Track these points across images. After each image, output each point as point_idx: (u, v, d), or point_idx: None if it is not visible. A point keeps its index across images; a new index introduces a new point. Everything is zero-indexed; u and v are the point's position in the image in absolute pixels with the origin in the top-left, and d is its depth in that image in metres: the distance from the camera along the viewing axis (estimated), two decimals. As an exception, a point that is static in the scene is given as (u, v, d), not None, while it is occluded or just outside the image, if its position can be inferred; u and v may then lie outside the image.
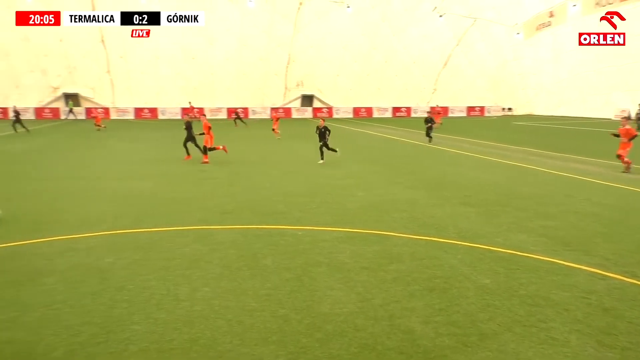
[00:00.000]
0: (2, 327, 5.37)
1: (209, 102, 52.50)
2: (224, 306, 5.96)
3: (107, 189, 13.68)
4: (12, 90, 49.14)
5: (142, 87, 50.98)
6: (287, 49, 54.01)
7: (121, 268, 7.28)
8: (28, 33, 45.88)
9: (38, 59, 48.17)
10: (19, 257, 7.74)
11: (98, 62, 49.31)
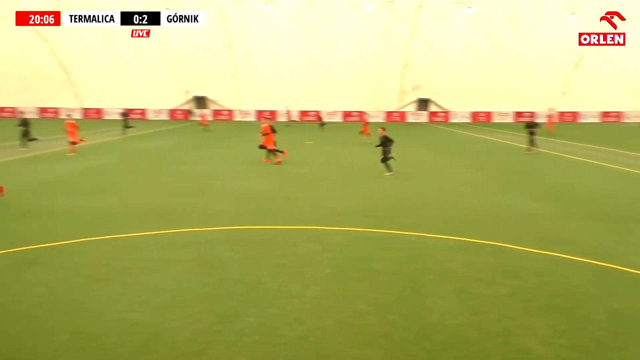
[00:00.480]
0: (134, 308, 5.95)
1: (325, 105, 53.73)
2: (333, 306, 6.07)
3: (226, 186, 14.55)
4: (152, 93, 54.20)
5: (264, 90, 53.54)
6: (403, 51, 53.52)
7: (239, 262, 7.71)
8: (166, 39, 50.28)
9: (174, 64, 52.59)
10: (152, 246, 8.52)
11: (225, 67, 52.61)
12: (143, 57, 51.99)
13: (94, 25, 48.73)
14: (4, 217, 10.39)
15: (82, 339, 5.16)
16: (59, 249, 8.27)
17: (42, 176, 15.79)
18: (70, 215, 10.65)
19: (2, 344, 5.03)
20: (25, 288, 6.53)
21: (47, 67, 52.87)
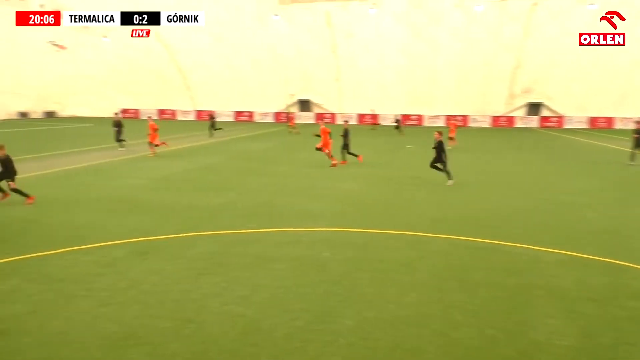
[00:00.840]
0: (237, 302, 6.23)
1: (427, 109, 52.66)
2: (430, 315, 5.92)
3: (324, 187, 14.74)
4: (260, 96, 56.54)
5: (366, 94, 53.65)
6: (514, 52, 50.84)
7: (337, 263, 7.78)
8: (275, 45, 52.25)
9: (281, 69, 54.45)
10: (257, 243, 8.87)
11: (329, 71, 53.47)
12: (253, 62, 54.37)
13: (207, 33, 52.42)
14: (123, 211, 11.36)
15: (187, 327, 5.49)
16: (170, 241, 8.89)
17: (155, 173, 17.06)
18: (180, 211, 11.40)
19: (118, 326, 5.50)
20: (140, 276, 7.09)
21: (167, 71, 57.17)
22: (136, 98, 59.89)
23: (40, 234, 9.23)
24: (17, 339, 5.13)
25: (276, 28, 50.86)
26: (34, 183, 14.49)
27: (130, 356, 4.84)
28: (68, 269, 7.29)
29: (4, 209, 11.11)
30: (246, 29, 51.82)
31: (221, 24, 51.55)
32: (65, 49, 54.36)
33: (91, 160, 19.91)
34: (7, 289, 6.47)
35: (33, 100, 53.88)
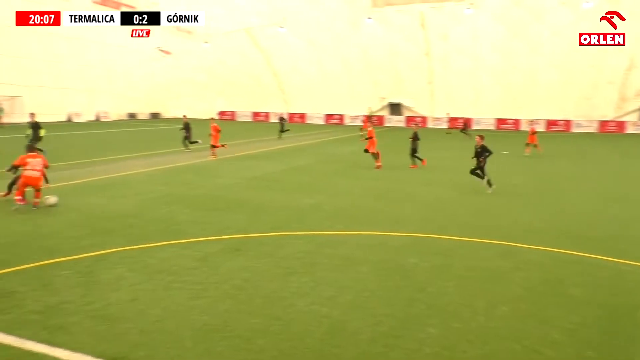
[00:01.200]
0: (322, 302, 6.30)
1: (525, 112, 49.98)
2: (522, 330, 5.62)
3: (410, 191, 14.49)
4: (350, 99, 56.89)
5: (459, 97, 52.10)
6: (628, 52, 46.82)
7: (423, 270, 7.63)
8: (367, 48, 52.32)
9: (372, 72, 54.39)
10: (343, 245, 8.93)
11: (422, 74, 52.54)
12: (345, 65, 54.80)
13: (302, 37, 53.58)
14: (219, 208, 11.91)
15: (275, 325, 5.64)
16: (261, 240, 9.19)
17: (248, 173, 17.70)
18: (271, 210, 11.74)
19: (209, 318, 5.77)
20: (231, 271, 7.39)
21: (262, 75, 59.27)
22: (232, 101, 62.67)
23: (143, 227, 9.92)
24: (119, 324, 5.55)
25: (368, 31, 50.84)
26: (140, 180, 15.62)
27: (219, 349, 5.06)
28: (167, 261, 7.78)
29: (111, 203, 12.07)
30: (339, 33, 52.31)
31: (315, 28, 52.52)
32: (170, 54, 58.08)
33: (190, 160, 21.10)
34: (113, 277, 7.02)
35: (141, 102, 58.11)
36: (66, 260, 7.69)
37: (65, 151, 18.31)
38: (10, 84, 41.44)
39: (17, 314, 5.73)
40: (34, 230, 9.43)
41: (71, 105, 48.09)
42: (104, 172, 17.06)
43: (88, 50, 48.55)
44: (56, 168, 17.03)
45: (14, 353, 4.84)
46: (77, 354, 4.84)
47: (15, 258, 7.70)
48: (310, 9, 50.51)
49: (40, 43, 43.12)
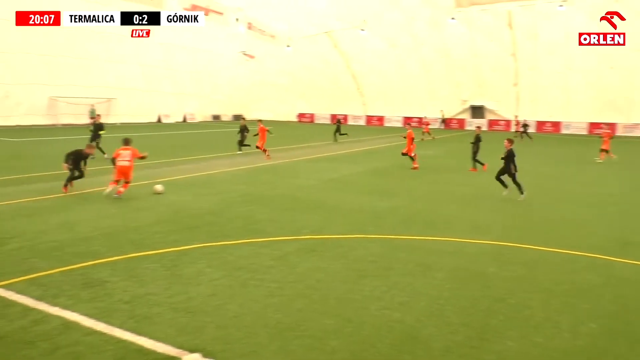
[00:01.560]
0: (395, 307, 6.21)
1: (623, 116, 46.53)
2: (612, 350, 5.24)
3: (494, 198, 13.93)
4: (429, 101, 55.81)
5: (548, 99, 49.48)
6: None
7: (503, 280, 7.31)
8: (448, 48, 51.13)
9: (453, 74, 52.98)
10: (417, 250, 8.77)
11: (507, 76, 50.45)
12: (425, 67, 53.83)
13: (382, 38, 53.25)
14: (295, 209, 12.11)
15: (347, 327, 5.63)
16: (335, 241, 9.23)
17: (325, 175, 17.84)
18: (346, 212, 11.76)
19: (284, 316, 5.87)
20: (307, 271, 7.48)
21: (342, 78, 59.63)
22: (312, 103, 63.53)
23: (224, 225, 10.29)
24: (199, 317, 5.78)
25: (450, 31, 49.55)
26: (222, 179, 16.23)
27: (292, 347, 5.13)
28: (245, 258, 8.01)
29: (195, 201, 12.63)
30: (419, 33, 51.43)
31: (396, 29, 52.00)
32: (254, 58, 59.92)
33: (270, 161, 21.62)
34: (194, 272, 7.34)
35: (225, 104, 60.43)
36: (152, 254, 8.14)
37: (153, 150, 19.40)
38: (107, 86, 44.61)
39: (107, 302, 6.14)
40: (123, 224, 10.07)
41: (161, 107, 50.89)
42: (189, 170, 17.90)
43: (177, 55, 51.18)
44: (145, 166, 18.09)
45: (104, 339, 5.18)
46: (160, 344, 5.09)
47: (106, 250, 8.27)
48: (392, 8, 50.00)
49: (134, 49, 46.03)
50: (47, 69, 40.13)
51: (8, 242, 8.54)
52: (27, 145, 26.26)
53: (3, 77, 37.13)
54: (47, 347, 4.97)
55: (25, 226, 9.68)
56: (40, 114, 40.39)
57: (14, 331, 5.29)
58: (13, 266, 7.32)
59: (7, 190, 13.39)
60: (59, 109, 41.11)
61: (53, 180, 15.04)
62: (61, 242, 8.67)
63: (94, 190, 13.50)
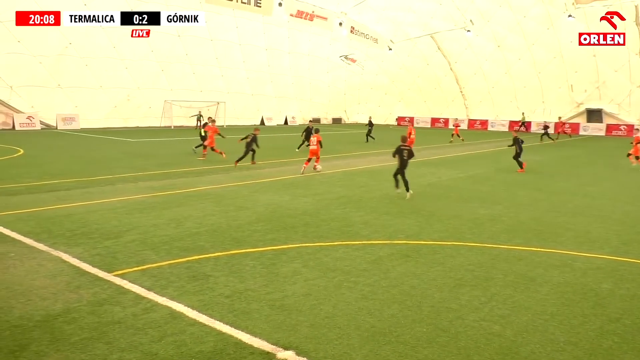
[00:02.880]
0: (495, 320, 5.92)
1: None
2: None
3: (614, 210, 12.80)
4: (538, 104, 52.64)
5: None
6: None
7: (620, 298, 6.69)
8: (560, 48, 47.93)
9: (568, 75, 49.48)
10: (519, 262, 8.29)
11: (630, 76, 46.14)
12: (536, 68, 50.85)
13: (490, 38, 51.13)
14: (391, 213, 11.97)
15: (441, 336, 5.46)
16: (432, 247, 9.00)
17: (422, 180, 17.46)
18: (444, 218, 11.43)
19: (376, 320, 5.82)
20: (401, 277, 7.37)
21: (444, 80, 58.17)
22: (411, 106, 62.60)
23: (320, 226, 10.45)
24: (293, 316, 5.91)
25: (567, 29, 46.31)
26: (320, 181, 16.50)
27: (384, 353, 5.07)
28: (340, 260, 8.07)
29: (293, 201, 12.95)
30: (531, 32, 48.66)
31: (504, 28, 49.72)
32: (355, 62, 60.30)
33: (367, 164, 21.63)
34: (290, 271, 7.52)
35: (325, 107, 61.45)
36: (252, 251, 8.47)
37: (258, 152, 20.27)
38: (217, 91, 47.30)
39: (210, 295, 6.48)
40: (227, 222, 10.58)
41: (264, 110, 52.88)
42: (290, 172, 18.40)
43: (281, 60, 52.95)
44: (248, 167, 18.93)
45: (205, 331, 5.47)
46: (256, 339, 5.28)
47: (210, 246, 8.74)
48: (501, 6, 47.83)
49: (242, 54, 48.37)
50: (165, 74, 43.41)
51: (124, 235, 9.32)
52: (144, 145, 28.52)
53: (126, 82, 40.73)
54: (155, 334, 5.34)
55: (140, 220, 10.51)
56: (157, 116, 43.81)
57: (127, 317, 5.75)
58: (128, 257, 7.98)
59: (126, 186, 14.63)
60: (173, 111, 44.31)
61: (165, 178, 16.22)
62: (170, 236, 9.31)
63: (200, 189, 14.35)
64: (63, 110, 37.95)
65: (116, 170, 17.74)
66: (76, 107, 38.69)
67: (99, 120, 40.11)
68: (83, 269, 7.33)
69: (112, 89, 40.19)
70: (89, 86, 38.77)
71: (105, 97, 40.09)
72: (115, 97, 40.77)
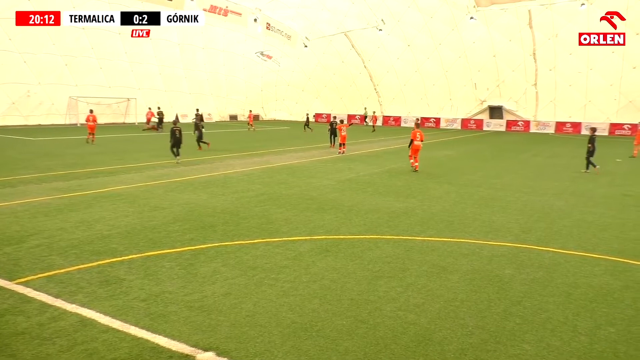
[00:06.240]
0: (410, 309, 6.18)
1: None
2: (631, 355, 5.14)
3: (512, 200, 13.79)
4: (446, 102, 55.45)
5: (567, 100, 48.77)
6: None
7: (520, 283, 7.23)
8: (466, 51, 50.76)
9: (472, 74, 52.51)
10: (434, 252, 8.71)
11: (526, 76, 49.84)
12: (442, 67, 53.43)
13: (400, 37, 53.04)
14: (311, 209, 12.11)
15: (361, 328, 5.62)
16: (350, 242, 9.22)
17: (341, 175, 17.82)
18: (362, 213, 11.73)
19: (297, 316, 5.88)
20: (321, 271, 7.48)
21: (358, 78, 59.62)
22: (329, 103, 63.54)
23: (239, 224, 10.34)
24: (213, 316, 5.82)
25: (469, 31, 49.10)
26: (238, 178, 16.31)
27: (305, 347, 5.14)
28: (260, 258, 8.04)
29: (211, 200, 12.72)
30: (437, 33, 51.10)
31: (414, 29, 51.78)
32: (272, 58, 60.15)
33: (286, 160, 21.68)
34: (209, 270, 7.39)
35: (242, 104, 60.75)
36: (169, 252, 8.22)
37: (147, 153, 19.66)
38: (128, 87, 45.25)
39: (124, 300, 6.21)
40: (141, 223, 10.18)
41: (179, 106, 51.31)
42: (207, 170, 18.02)
43: (195, 55, 51.64)
44: (164, 165, 18.30)
45: (119, 337, 5.24)
46: (175, 342, 5.14)
47: (124, 248, 8.37)
48: (410, 8, 49.78)
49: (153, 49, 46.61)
50: (69, 69, 40.80)
51: (27, 240, 8.69)
52: (47, 144, 26.68)
53: (25, 76, 37.81)
54: (64, 343, 5.04)
55: (45, 224, 9.84)
56: (61, 114, 41.15)
57: (31, 327, 5.38)
58: (32, 263, 7.46)
59: (28, 188, 13.63)
60: (79, 108, 41.82)
61: (72, 179, 15.29)
62: (80, 240, 8.80)
63: (111, 189, 13.69)
64: (-49, 107, 34.66)
65: (17, 171, 16.48)
66: (-33, 103, 35.49)
67: (-5, 117, 37.04)
68: (-20, 279, 6.75)
69: (9, 84, 37.19)
70: (-18, 80, 35.69)
71: (2, 92, 37.02)
72: (14, 92, 37.78)
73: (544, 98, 50.22)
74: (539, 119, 51.03)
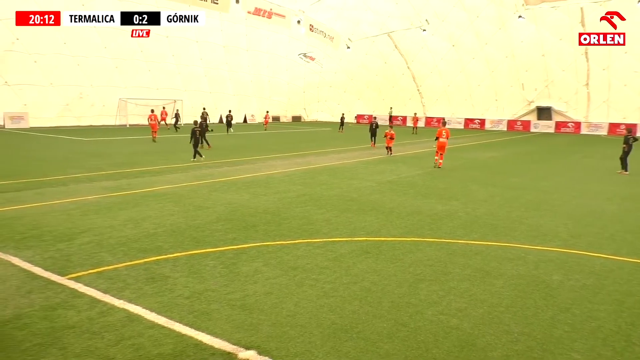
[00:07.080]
0: (452, 313, 6.06)
1: None
2: (690, 369, 4.87)
3: (563, 203, 13.32)
4: (492, 103, 54.19)
5: (621, 101, 46.71)
6: None
7: (569, 289, 6.97)
8: (513, 51, 49.45)
9: (519, 74, 51.12)
10: (476, 256, 8.50)
11: (577, 76, 48.07)
12: (489, 67, 52.26)
13: (445, 37, 52.24)
14: (351, 210, 12.07)
15: (401, 331, 5.55)
16: (391, 244, 9.13)
17: (383, 177, 17.69)
18: (403, 215, 11.60)
19: (338, 317, 5.86)
20: (362, 273, 7.44)
21: (401, 79, 59.05)
22: (369, 104, 63.23)
23: (281, 224, 10.42)
24: (255, 315, 5.88)
25: (517, 30, 47.82)
26: (280, 179, 16.45)
27: (345, 349, 5.11)
28: (301, 258, 8.08)
29: (253, 200, 12.87)
30: (484, 32, 50.02)
31: (459, 28, 50.90)
32: (314, 60, 60.38)
33: (327, 161, 21.71)
34: (251, 270, 7.47)
35: (284, 106, 61.26)
36: (212, 251, 8.37)
37: (218, 151, 20.02)
38: (174, 88, 46.46)
39: (169, 297, 6.36)
40: (186, 222, 10.41)
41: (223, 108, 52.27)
42: (250, 170, 18.27)
43: (239, 57, 52.43)
44: (208, 165, 18.67)
45: (164, 333, 5.37)
46: (217, 340, 5.22)
47: (169, 246, 8.58)
48: (454, 7, 48.99)
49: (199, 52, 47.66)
50: (119, 71, 42.25)
51: (78, 237, 9.04)
52: (98, 144, 27.70)
53: (78, 79, 39.39)
54: (111, 338, 5.21)
55: (95, 221, 10.21)
56: (111, 115, 42.63)
57: (82, 321, 5.58)
58: (83, 259, 7.74)
59: (79, 186, 14.18)
60: (128, 109, 43.21)
61: (121, 178, 15.81)
62: (127, 237, 9.08)
63: (158, 189, 14.07)
64: (11, 109, 36.40)
65: (69, 170, 17.16)
66: (25, 106, 37.19)
67: (50, 119, 38.69)
68: (34, 273, 7.06)
69: (63, 87, 38.82)
70: (39, 83, 37.33)
71: (56, 94, 38.69)
72: (67, 94, 39.41)
73: (596, 99, 48.27)
74: (590, 120, 49.13)
